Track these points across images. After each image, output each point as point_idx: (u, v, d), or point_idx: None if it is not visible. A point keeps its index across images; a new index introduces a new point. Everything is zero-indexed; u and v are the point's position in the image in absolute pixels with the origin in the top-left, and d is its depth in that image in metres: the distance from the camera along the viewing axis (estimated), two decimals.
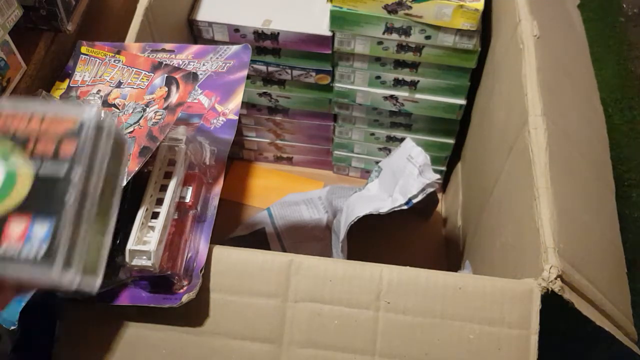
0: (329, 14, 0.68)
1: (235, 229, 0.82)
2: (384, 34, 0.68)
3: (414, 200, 0.66)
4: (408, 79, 0.74)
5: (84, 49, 0.55)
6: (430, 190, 0.66)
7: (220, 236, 0.75)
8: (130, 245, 0.42)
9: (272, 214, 0.82)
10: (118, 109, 0.48)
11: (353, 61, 0.73)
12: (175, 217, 0.45)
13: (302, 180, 0.92)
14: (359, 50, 0.71)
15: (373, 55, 0.72)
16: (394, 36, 0.68)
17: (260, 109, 0.83)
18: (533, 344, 0.42)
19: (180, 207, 0.46)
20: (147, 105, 0.48)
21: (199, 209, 0.47)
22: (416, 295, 0.43)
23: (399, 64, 0.72)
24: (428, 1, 0.64)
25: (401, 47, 0.70)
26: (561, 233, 0.44)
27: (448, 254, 0.81)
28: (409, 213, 0.67)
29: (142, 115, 0.47)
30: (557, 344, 0.61)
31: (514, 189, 0.53)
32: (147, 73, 0.50)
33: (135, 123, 0.46)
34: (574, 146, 0.53)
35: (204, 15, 0.72)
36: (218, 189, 0.48)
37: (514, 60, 0.57)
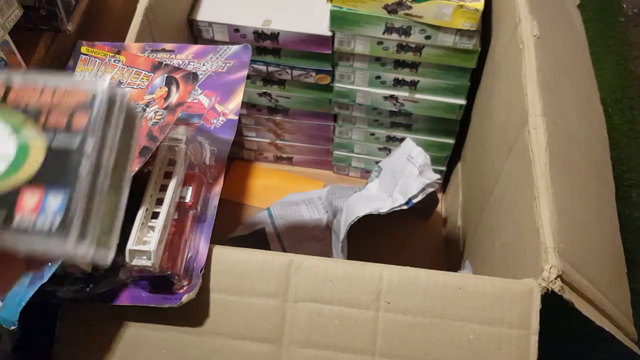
0: (329, 14, 0.68)
1: (235, 229, 0.82)
2: (384, 34, 0.68)
3: (414, 200, 0.66)
4: (408, 79, 0.74)
5: (84, 49, 0.55)
6: (430, 190, 0.66)
7: (220, 236, 0.75)
8: (130, 245, 0.42)
9: (272, 214, 0.82)
10: None
11: (353, 61, 0.73)
12: (175, 217, 0.45)
13: (302, 180, 0.91)
14: (359, 50, 0.71)
15: (373, 55, 0.72)
16: (394, 36, 0.68)
17: (260, 109, 0.83)
18: (533, 344, 0.42)
19: (180, 207, 0.46)
20: (147, 105, 0.48)
21: (199, 209, 0.47)
22: (416, 295, 0.43)
23: (399, 64, 0.72)
24: (428, 1, 0.64)
25: (401, 47, 0.70)
26: (561, 233, 0.44)
27: (448, 254, 0.81)
28: (409, 213, 0.67)
29: (142, 115, 0.47)
30: (557, 344, 0.61)
31: (514, 189, 0.53)
32: (147, 73, 0.50)
33: None
34: (574, 146, 0.53)
35: (204, 15, 0.72)
36: (218, 189, 0.48)
37: (514, 60, 0.57)
